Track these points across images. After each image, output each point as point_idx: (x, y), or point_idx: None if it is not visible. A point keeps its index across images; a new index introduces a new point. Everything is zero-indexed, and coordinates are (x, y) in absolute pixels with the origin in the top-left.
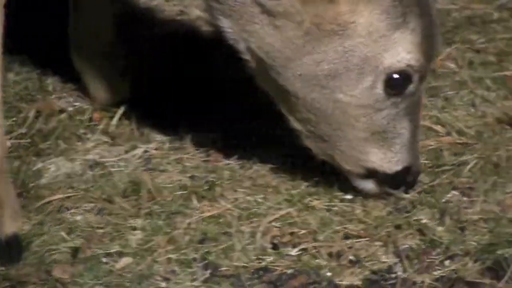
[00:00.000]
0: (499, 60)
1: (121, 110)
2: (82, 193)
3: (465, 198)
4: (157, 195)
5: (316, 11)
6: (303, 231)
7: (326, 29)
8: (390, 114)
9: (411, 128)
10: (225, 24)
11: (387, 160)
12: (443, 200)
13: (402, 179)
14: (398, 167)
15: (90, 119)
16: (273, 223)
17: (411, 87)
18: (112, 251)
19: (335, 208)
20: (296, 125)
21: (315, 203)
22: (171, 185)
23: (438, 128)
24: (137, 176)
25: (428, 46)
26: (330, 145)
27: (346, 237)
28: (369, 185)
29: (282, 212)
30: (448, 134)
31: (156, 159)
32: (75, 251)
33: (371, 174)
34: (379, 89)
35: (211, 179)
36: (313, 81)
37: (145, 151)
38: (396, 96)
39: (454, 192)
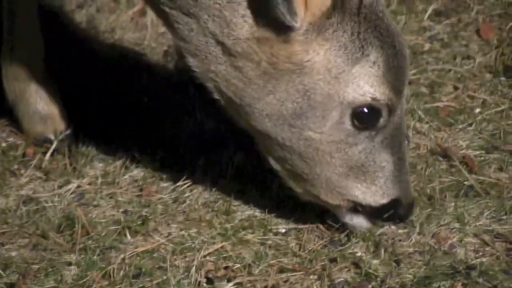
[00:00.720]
0: (431, 91)
1: (54, 145)
2: (17, 229)
3: (399, 231)
4: (91, 230)
5: (271, 51)
6: (237, 265)
7: (282, 69)
8: (367, 148)
9: (394, 160)
10: (192, 64)
11: (371, 193)
12: (378, 233)
13: (393, 212)
14: (384, 200)
15: (24, 155)
16: (208, 258)
17: (381, 121)
18: (47, 286)
19: (269, 242)
20: (274, 165)
21: (249, 236)
22: (104, 220)
23: None
24: (70, 211)
25: (394, 78)
26: (310, 183)
27: (281, 270)
28: (359, 220)
29: (216, 246)
30: None
31: (89, 194)
32: (10, 287)
33: (358, 207)
34: (347, 124)
35: (145, 214)
36: (280, 120)
37: (78, 186)
38: (368, 130)
39: (388, 224)
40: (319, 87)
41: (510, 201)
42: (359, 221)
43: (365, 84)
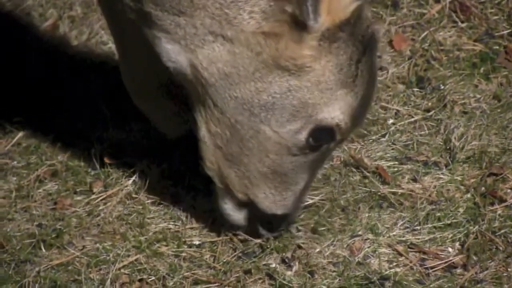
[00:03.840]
0: None
1: None
2: None
3: (313, 242)
4: (5, 244)
5: (277, 46)
6: (152, 278)
7: (281, 64)
8: (298, 162)
9: (307, 181)
10: (169, 50)
11: (273, 201)
12: (292, 244)
13: (276, 223)
14: (278, 211)
15: None
16: (122, 270)
17: (328, 145)
18: None
19: (184, 254)
20: (204, 134)
21: (163, 249)
22: (19, 233)
23: None
24: None
25: (359, 114)
26: (229, 165)
27: (196, 283)
28: (240, 216)
29: (131, 259)
30: None
31: (3, 208)
32: None
33: (249, 207)
34: (303, 136)
35: (59, 227)
36: (246, 106)
37: None
38: (311, 148)
39: (302, 235)
40: (302, 92)
41: (423, 212)
42: (239, 216)
43: (339, 109)
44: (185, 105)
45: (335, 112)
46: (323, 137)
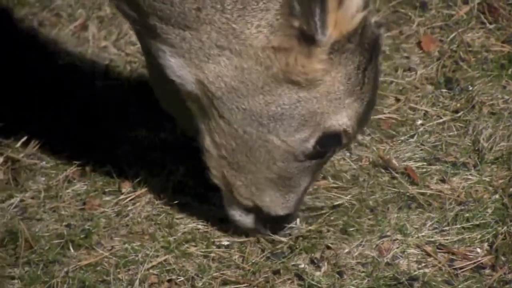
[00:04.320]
0: None
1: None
2: None
3: (342, 242)
4: (34, 244)
5: (287, 61)
6: (181, 278)
7: (292, 79)
8: (303, 166)
9: (308, 183)
10: (173, 64)
11: (277, 203)
12: (320, 244)
13: (280, 223)
14: (282, 213)
15: None
16: (151, 271)
17: (333, 150)
18: None
19: (212, 254)
20: (209, 144)
21: (192, 249)
22: (48, 233)
23: None
24: (14, 226)
25: (363, 119)
26: (235, 173)
27: (224, 283)
28: (247, 220)
29: (160, 259)
30: (324, 178)
31: (32, 208)
32: None
33: (254, 210)
34: (311, 143)
35: (88, 227)
36: (255, 117)
37: (21, 200)
38: (318, 154)
39: (331, 236)
40: (311, 103)
41: (452, 212)
42: (247, 220)
43: (346, 116)
44: None
45: (342, 119)
46: (330, 143)
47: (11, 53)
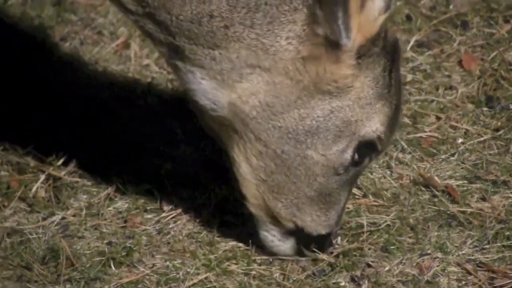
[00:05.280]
0: (414, 122)
1: (41, 178)
2: (1, 261)
3: (383, 260)
4: (75, 262)
5: (317, 70)
6: None
7: (323, 89)
8: (342, 180)
9: (346, 198)
10: (205, 86)
11: (318, 222)
12: (361, 262)
13: (321, 242)
14: (323, 231)
15: (8, 187)
16: None
17: (369, 158)
18: None
19: (253, 272)
20: (245, 171)
21: (233, 267)
22: (89, 251)
23: (355, 190)
24: (55, 243)
25: (393, 124)
26: (276, 196)
27: None
28: (288, 245)
29: (200, 277)
30: (365, 196)
31: (73, 225)
32: None
33: (295, 232)
34: (348, 154)
35: (129, 245)
36: (291, 134)
37: (63, 218)
38: (355, 165)
39: (371, 254)
40: (344, 112)
41: (492, 231)
42: (286, 246)
43: (379, 121)
44: None
45: (375, 125)
46: (366, 152)
47: (53, 72)
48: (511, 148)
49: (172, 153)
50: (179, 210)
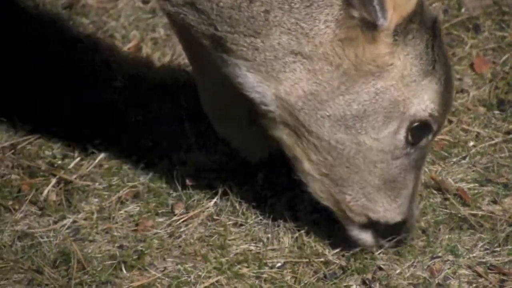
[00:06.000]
0: None
1: (52, 182)
2: (12, 264)
3: (394, 263)
4: (87, 265)
5: (356, 52)
6: None
7: (364, 70)
8: (403, 164)
9: (415, 182)
10: (251, 79)
11: (391, 210)
12: (372, 265)
13: (398, 230)
14: (399, 218)
15: (19, 190)
16: None
17: (427, 138)
18: None
19: (265, 276)
20: (307, 168)
21: (244, 270)
22: (100, 255)
23: None
24: (66, 247)
25: (447, 99)
26: (341, 189)
27: None
28: (367, 237)
29: (212, 280)
30: None
31: (85, 229)
32: None
33: (371, 224)
34: (401, 135)
35: (140, 248)
36: (341, 121)
37: (74, 221)
38: (411, 146)
39: (383, 257)
40: (390, 92)
41: (503, 233)
42: (365, 237)
43: (428, 99)
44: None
45: (425, 102)
46: (420, 132)
47: (65, 76)
48: None
49: (184, 156)
50: (190, 214)
